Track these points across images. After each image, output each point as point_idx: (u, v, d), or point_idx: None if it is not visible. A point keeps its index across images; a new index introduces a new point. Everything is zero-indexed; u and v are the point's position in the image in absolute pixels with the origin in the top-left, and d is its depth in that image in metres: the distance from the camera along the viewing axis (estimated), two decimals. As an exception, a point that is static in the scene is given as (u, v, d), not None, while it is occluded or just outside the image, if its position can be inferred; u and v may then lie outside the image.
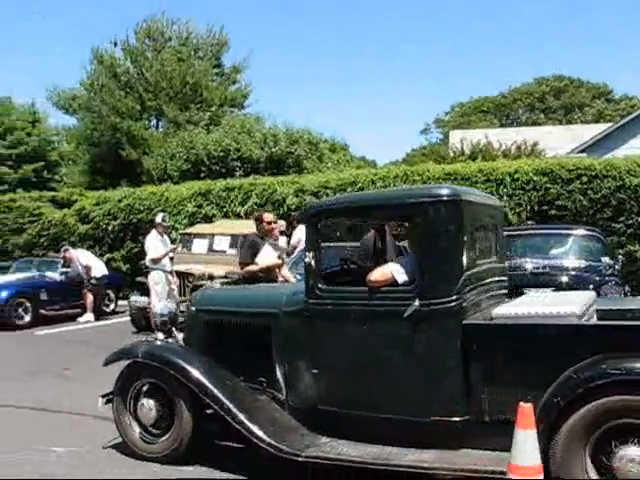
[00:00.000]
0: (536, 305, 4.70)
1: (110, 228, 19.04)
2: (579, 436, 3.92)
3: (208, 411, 5.27)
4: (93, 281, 14.68)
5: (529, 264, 10.04)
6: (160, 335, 5.92)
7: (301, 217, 5.42)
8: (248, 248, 8.19)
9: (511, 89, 55.77)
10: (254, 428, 4.82)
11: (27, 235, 20.91)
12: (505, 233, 10.39)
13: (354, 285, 4.99)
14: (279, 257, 8.43)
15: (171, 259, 12.07)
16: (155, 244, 11.57)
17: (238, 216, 16.95)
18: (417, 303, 4.47)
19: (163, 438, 5.36)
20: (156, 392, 5.41)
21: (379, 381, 4.68)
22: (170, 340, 5.86)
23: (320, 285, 4.91)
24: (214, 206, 17.55)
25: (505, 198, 13.52)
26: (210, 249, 14.77)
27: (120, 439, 5.63)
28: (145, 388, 5.49)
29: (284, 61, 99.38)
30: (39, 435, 6.13)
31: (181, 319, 6.22)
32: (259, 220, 8.50)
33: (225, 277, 13.91)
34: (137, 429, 5.48)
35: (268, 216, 8.64)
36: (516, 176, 13.81)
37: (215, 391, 5.05)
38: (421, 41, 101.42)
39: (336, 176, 16.71)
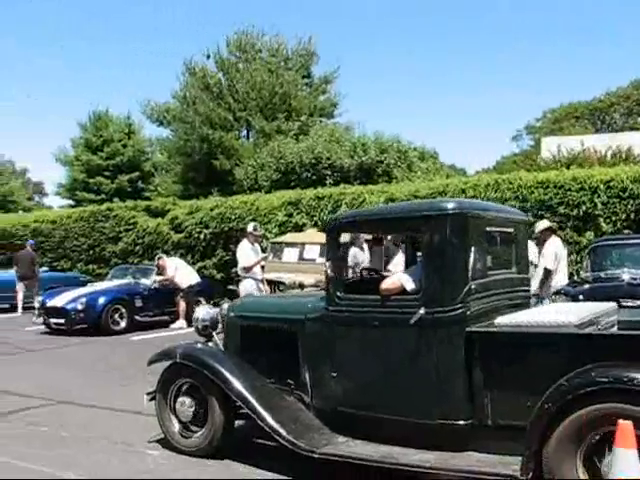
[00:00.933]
0: (542, 314, 4.86)
1: (202, 237, 19.32)
2: (570, 441, 4.05)
3: (242, 410, 5.54)
4: (185, 289, 14.92)
5: (626, 274, 9.73)
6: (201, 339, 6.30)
7: (328, 229, 5.62)
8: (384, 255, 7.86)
9: (607, 93, 53.97)
10: (276, 425, 5.16)
11: (123, 243, 21.47)
12: (600, 243, 10.01)
13: (371, 294, 5.18)
14: None
15: (262, 267, 12.14)
16: (247, 253, 11.66)
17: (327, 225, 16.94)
18: (422, 311, 4.72)
19: (198, 433, 5.74)
20: (193, 391, 5.79)
21: (390, 385, 4.96)
22: (210, 344, 6.24)
23: (339, 293, 5.24)
24: (304, 215, 17.58)
25: (600, 207, 13.10)
26: (300, 258, 14.82)
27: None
28: (184, 387, 5.86)
29: (373, 70, 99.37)
30: (135, 437, 6.26)
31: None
32: None
33: (316, 285, 13.97)
34: (176, 424, 5.89)
35: None
36: (612, 184, 13.27)
37: (243, 390, 5.41)
38: (512, 46, 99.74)
39: (426, 185, 16.48)
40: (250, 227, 12.00)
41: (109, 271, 18.50)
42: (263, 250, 13.54)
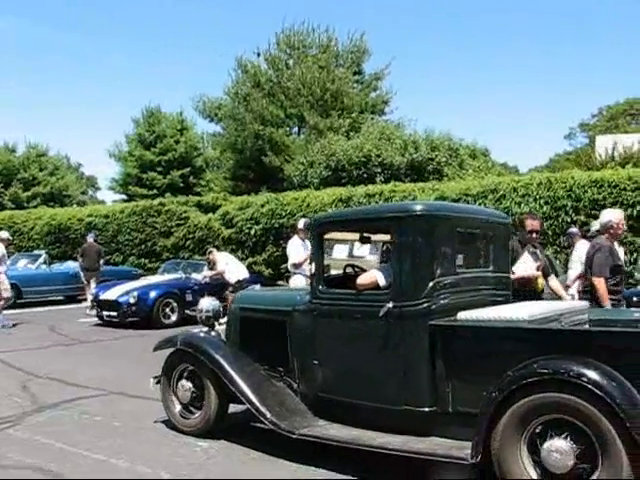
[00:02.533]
0: (502, 311, 5.14)
1: (252, 232, 19.46)
2: (515, 427, 4.35)
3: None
4: (235, 284, 15.02)
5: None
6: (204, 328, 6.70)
7: (312, 228, 6.22)
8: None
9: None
10: (262, 408, 5.61)
11: (174, 238, 21.73)
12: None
13: (351, 288, 5.57)
14: (538, 268, 7.38)
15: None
16: (297, 249, 11.67)
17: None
18: (390, 305, 5.09)
19: (196, 415, 6.24)
20: (192, 375, 6.28)
21: (363, 373, 5.33)
22: (212, 333, 6.60)
23: (321, 287, 5.65)
24: (354, 212, 17.55)
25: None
26: (350, 254, 14.80)
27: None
28: (184, 372, 6.35)
29: (425, 67, 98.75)
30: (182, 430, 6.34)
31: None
32: (521, 225, 7.62)
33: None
34: (178, 406, 6.38)
35: (532, 222, 7.57)
36: (669, 183, 13.04)
37: (234, 375, 5.84)
38: (566, 42, 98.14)
39: (477, 183, 16.34)
40: (301, 223, 11.98)
41: (160, 265, 18.77)
42: (313, 246, 13.54)
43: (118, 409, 7.16)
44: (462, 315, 5.12)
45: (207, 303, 6.85)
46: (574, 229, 12.18)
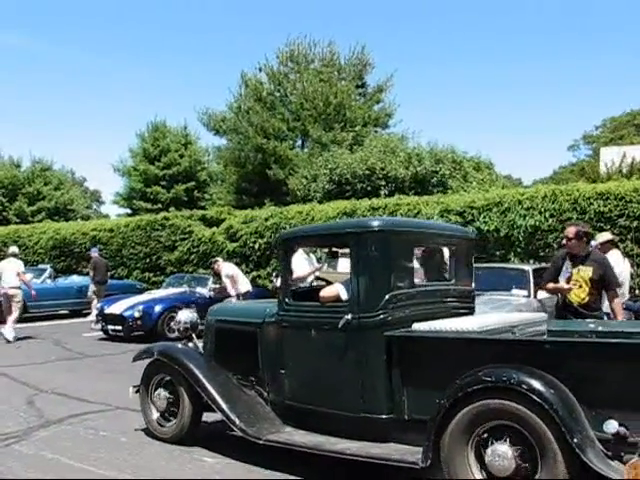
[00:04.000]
0: (456, 322, 5.34)
1: (257, 246, 19.43)
2: (463, 433, 4.55)
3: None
4: (240, 296, 15.00)
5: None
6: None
7: (277, 243, 6.81)
8: (552, 265, 7.56)
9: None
10: (232, 415, 5.88)
11: (179, 252, 21.72)
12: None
13: (318, 301, 5.83)
14: (568, 280, 7.20)
15: (317, 278, 12.12)
16: (301, 263, 11.63)
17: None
18: (349, 316, 5.34)
19: (171, 422, 6.51)
20: (168, 384, 6.57)
21: (325, 382, 5.58)
22: (190, 344, 6.89)
23: (287, 300, 5.91)
24: (359, 225, 17.51)
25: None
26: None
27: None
28: (162, 381, 6.64)
29: (428, 79, 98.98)
30: (192, 444, 6.36)
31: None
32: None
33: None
34: (155, 414, 6.66)
35: (570, 230, 7.30)
36: (676, 195, 13.01)
37: (207, 384, 6.13)
38: (569, 54, 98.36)
39: (482, 196, 16.31)
40: (305, 237, 11.98)
41: (165, 279, 18.77)
42: (318, 260, 13.53)
43: (124, 424, 7.14)
44: (416, 326, 5.34)
45: (185, 315, 7.12)
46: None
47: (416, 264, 6.49)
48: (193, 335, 7.01)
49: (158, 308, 14.59)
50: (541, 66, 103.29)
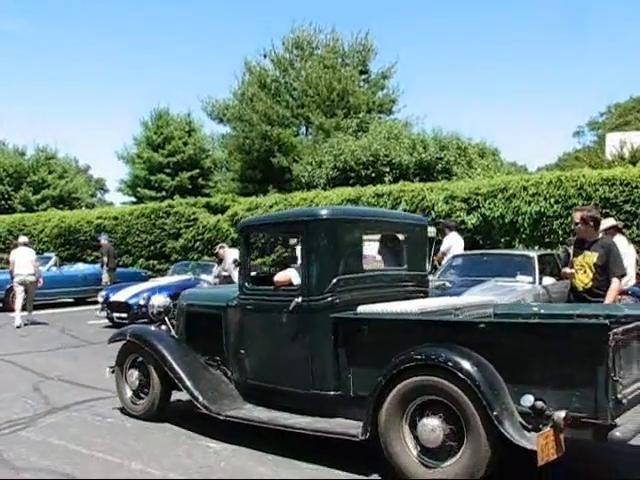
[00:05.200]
0: (399, 305, 5.65)
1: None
2: (398, 407, 4.88)
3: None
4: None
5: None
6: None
7: (238, 231, 7.05)
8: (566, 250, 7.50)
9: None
10: (195, 392, 6.23)
11: (183, 239, 21.76)
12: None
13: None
14: (569, 265, 7.17)
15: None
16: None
17: (386, 222, 16.87)
18: (299, 299, 5.67)
19: (143, 400, 6.89)
20: (140, 364, 6.92)
21: (279, 361, 5.93)
22: (163, 327, 7.25)
23: (247, 285, 6.27)
24: (363, 212, 17.50)
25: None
26: (360, 255, 14.79)
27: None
28: (134, 361, 6.99)
29: (432, 65, 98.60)
30: (198, 430, 6.37)
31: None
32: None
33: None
34: (129, 392, 7.04)
35: (576, 215, 7.23)
36: (680, 180, 12.98)
37: (174, 364, 6.45)
38: (573, 40, 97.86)
39: (487, 182, 16.27)
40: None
41: (170, 267, 18.79)
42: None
43: (128, 410, 7.15)
44: (361, 308, 5.65)
45: (158, 300, 7.56)
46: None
47: (374, 251, 7.19)
48: (166, 318, 7.35)
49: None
50: (546, 52, 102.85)
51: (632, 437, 4.31)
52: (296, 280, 5.95)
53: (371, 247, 13.97)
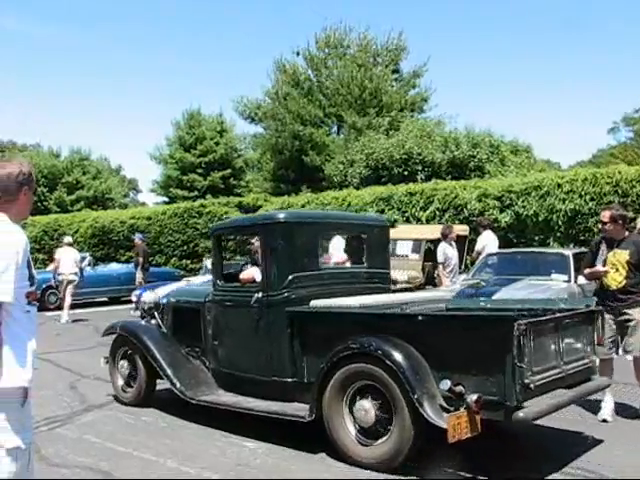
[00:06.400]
0: (347, 300, 6.16)
1: (293, 233, 19.42)
2: (338, 391, 5.42)
3: None
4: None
5: None
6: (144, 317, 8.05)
7: (210, 234, 7.99)
8: (589, 251, 7.37)
9: None
10: (174, 379, 6.84)
11: (215, 239, 21.81)
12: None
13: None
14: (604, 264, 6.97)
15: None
16: (340, 248, 11.55)
17: (419, 221, 16.82)
18: (259, 295, 6.25)
19: (132, 388, 7.50)
20: (129, 355, 7.52)
21: (244, 350, 6.52)
22: (152, 321, 7.83)
23: (219, 282, 6.84)
24: (396, 211, 17.47)
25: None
26: (392, 254, 14.69)
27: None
28: (125, 353, 7.57)
29: (464, 62, 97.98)
30: (232, 429, 6.37)
31: None
32: None
33: (408, 282, 13.85)
34: (120, 381, 7.63)
35: (604, 214, 7.04)
36: None
37: (156, 354, 7.09)
38: (608, 34, 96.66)
39: (520, 180, 16.16)
40: (342, 223, 11.89)
41: (202, 266, 18.87)
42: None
43: (164, 409, 7.20)
44: (313, 303, 6.18)
45: (148, 296, 8.15)
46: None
47: (340, 250, 7.90)
48: (155, 313, 7.91)
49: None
50: (580, 47, 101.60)
51: (534, 418, 4.86)
52: (258, 277, 6.50)
53: (404, 247, 14.00)
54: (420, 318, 5.49)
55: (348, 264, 7.67)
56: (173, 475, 5.27)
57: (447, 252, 12.40)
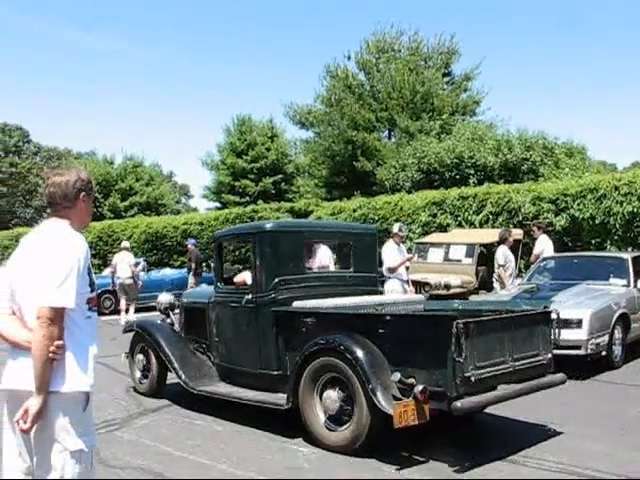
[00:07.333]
0: (325, 301, 6.78)
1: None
2: (311, 382, 6.04)
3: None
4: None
5: None
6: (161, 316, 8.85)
7: (212, 241, 9.15)
8: None
9: None
10: (180, 372, 7.57)
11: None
12: None
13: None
14: None
15: (407, 268, 12.01)
16: (392, 253, 11.52)
17: (472, 225, 16.65)
18: (249, 296, 6.96)
19: (146, 380, 8.29)
20: (145, 351, 8.28)
21: (238, 346, 7.27)
22: (168, 320, 8.66)
23: (219, 285, 7.60)
24: (448, 215, 17.33)
25: None
26: (446, 258, 14.62)
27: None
28: (142, 348, 8.31)
29: (517, 64, 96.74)
30: (286, 433, 6.38)
31: None
32: None
33: (461, 286, 13.73)
34: (138, 374, 8.43)
35: None
36: None
37: (166, 349, 7.83)
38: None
39: (575, 182, 15.81)
40: (396, 227, 11.84)
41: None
42: (408, 250, 13.39)
43: (218, 413, 7.23)
44: (295, 304, 6.82)
45: (164, 298, 8.90)
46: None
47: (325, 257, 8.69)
48: (170, 313, 8.75)
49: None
50: (633, 44, 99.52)
51: (470, 408, 5.41)
52: (249, 280, 7.19)
53: (457, 252, 13.86)
54: (377, 318, 6.24)
55: (332, 268, 8.65)
56: (224, 476, 5.31)
57: (507, 255, 12.25)
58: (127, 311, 16.62)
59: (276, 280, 6.85)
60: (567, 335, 8.66)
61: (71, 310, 2.99)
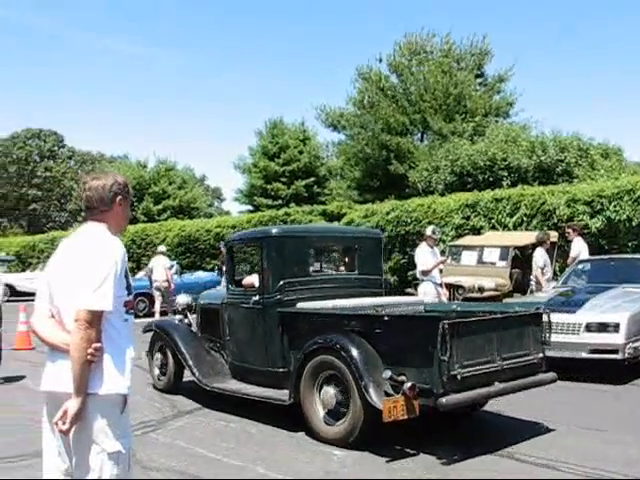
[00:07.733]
0: (328, 302, 7.07)
1: (378, 240, 19.36)
2: (311, 379, 6.36)
3: None
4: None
5: None
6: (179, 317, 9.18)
7: (224, 246, 9.91)
8: None
9: None
10: (194, 369, 7.93)
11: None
12: None
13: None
14: None
15: (440, 271, 11.94)
16: (425, 256, 11.47)
17: (505, 227, 16.50)
18: (256, 297, 7.29)
19: (164, 377, 8.72)
20: (162, 349, 8.72)
21: (247, 345, 7.61)
22: (185, 320, 8.98)
23: (231, 287, 7.98)
24: (482, 217, 17.18)
25: None
26: (479, 261, 14.50)
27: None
28: (161, 347, 8.74)
29: (550, 65, 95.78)
30: (319, 440, 6.31)
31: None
32: None
33: (496, 289, 13.61)
34: (156, 371, 8.87)
35: None
36: None
37: (181, 347, 8.21)
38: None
39: (611, 184, 15.58)
40: (429, 230, 11.78)
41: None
42: (441, 253, 13.32)
43: (252, 416, 7.23)
44: (299, 305, 7.15)
45: (182, 299, 9.27)
46: None
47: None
48: (188, 313, 9.09)
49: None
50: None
51: (455, 404, 5.58)
52: (257, 283, 7.48)
53: (492, 254, 13.74)
54: (373, 318, 6.48)
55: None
56: (259, 477, 5.33)
57: (545, 258, 12.13)
58: (164, 313, 16.87)
59: (282, 282, 7.17)
60: (604, 339, 8.55)
61: (109, 313, 3.01)
